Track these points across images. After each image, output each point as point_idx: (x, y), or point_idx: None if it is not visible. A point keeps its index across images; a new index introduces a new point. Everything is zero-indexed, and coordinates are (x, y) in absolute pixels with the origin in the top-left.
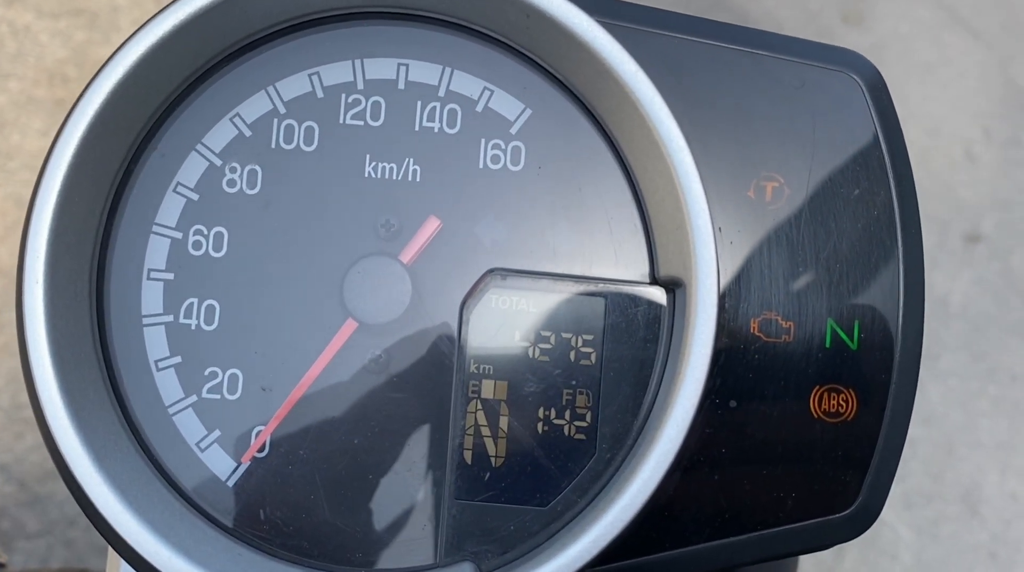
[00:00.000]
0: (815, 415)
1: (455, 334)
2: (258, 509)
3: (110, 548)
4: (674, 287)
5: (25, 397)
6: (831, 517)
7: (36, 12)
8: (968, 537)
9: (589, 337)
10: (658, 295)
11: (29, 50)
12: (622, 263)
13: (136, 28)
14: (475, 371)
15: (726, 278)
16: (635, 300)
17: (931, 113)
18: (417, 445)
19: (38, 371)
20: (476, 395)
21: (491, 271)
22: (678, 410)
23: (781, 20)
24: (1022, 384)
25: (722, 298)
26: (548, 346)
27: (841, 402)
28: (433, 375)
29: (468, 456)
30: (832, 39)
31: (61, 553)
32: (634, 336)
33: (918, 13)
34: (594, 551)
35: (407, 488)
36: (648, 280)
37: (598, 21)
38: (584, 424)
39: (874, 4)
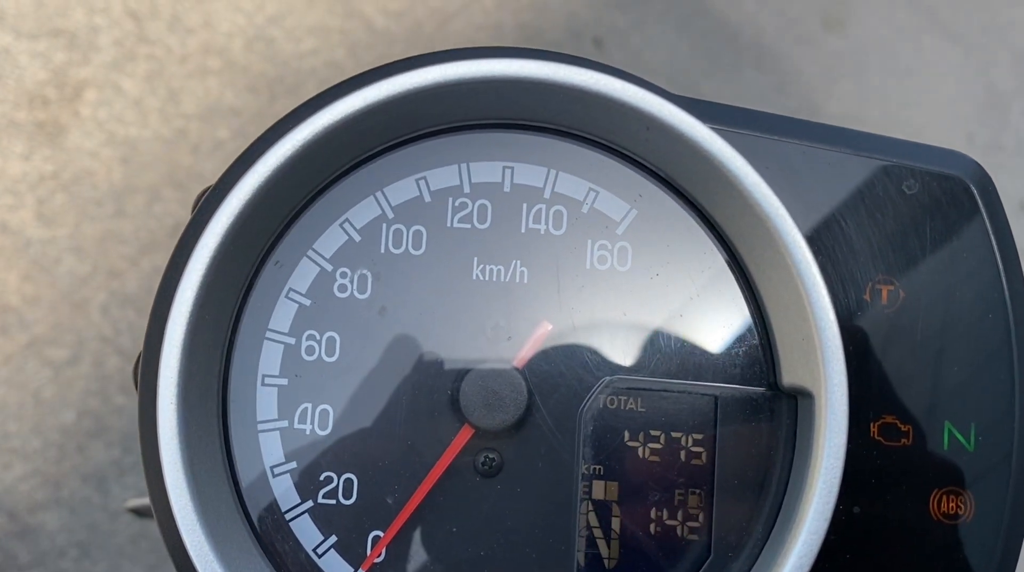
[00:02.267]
0: (935, 518)
1: (572, 438)
2: None
3: None
4: (797, 395)
5: (11, 427)
6: None
7: (15, 34)
8: None
9: (699, 436)
10: (779, 402)
11: (8, 72)
12: (739, 367)
13: (252, 150)
14: (585, 472)
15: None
16: (752, 406)
17: (912, 119)
18: (539, 552)
19: (172, 480)
20: (587, 496)
21: (610, 380)
22: (810, 523)
23: (762, 25)
24: None
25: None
26: (658, 446)
27: (960, 504)
28: (551, 479)
29: (581, 558)
30: (813, 45)
31: None
32: (752, 441)
33: (898, 17)
34: None
35: None
36: (766, 386)
37: (714, 129)
38: (697, 524)
39: (854, 9)
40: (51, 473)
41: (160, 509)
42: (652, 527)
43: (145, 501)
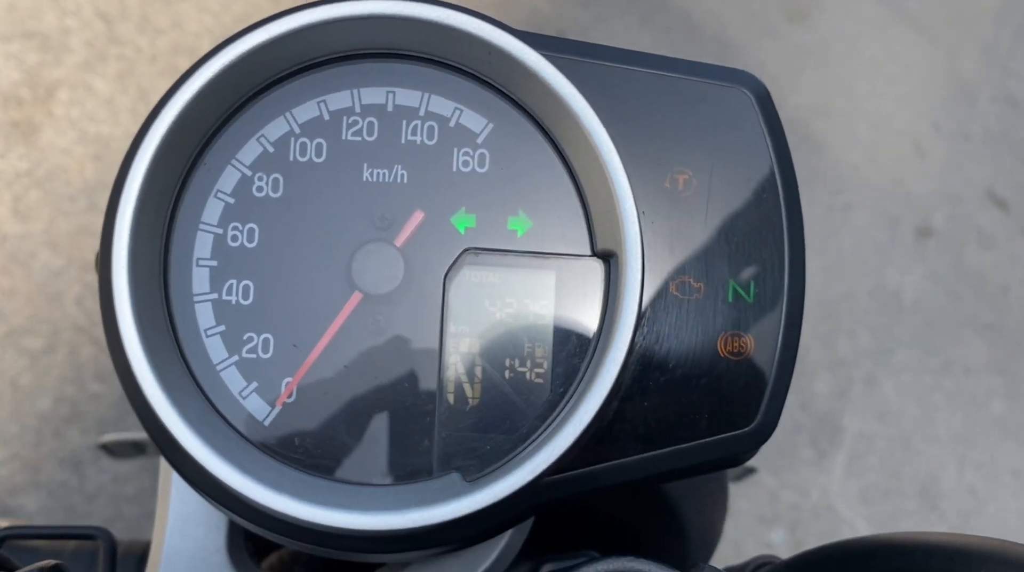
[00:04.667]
0: (722, 354)
1: (439, 301)
2: (292, 439)
3: (160, 496)
4: (609, 257)
5: None
6: (736, 432)
7: None
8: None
9: (544, 301)
10: (596, 264)
11: None
12: (569, 241)
13: (188, 70)
14: (454, 330)
15: (650, 251)
16: (580, 269)
17: (879, 109)
18: (413, 388)
19: (126, 334)
20: (455, 349)
21: (466, 250)
22: (614, 352)
23: (726, 19)
24: (977, 377)
25: (646, 265)
26: (511, 310)
27: (742, 344)
28: (423, 334)
29: (451, 398)
30: (777, 37)
31: None
32: (579, 297)
33: (863, 9)
34: (549, 462)
35: (407, 420)
36: (589, 253)
37: (544, 55)
38: (541, 370)
39: (818, 1)
40: (29, 457)
41: (119, 362)
42: (506, 373)
43: (116, 437)
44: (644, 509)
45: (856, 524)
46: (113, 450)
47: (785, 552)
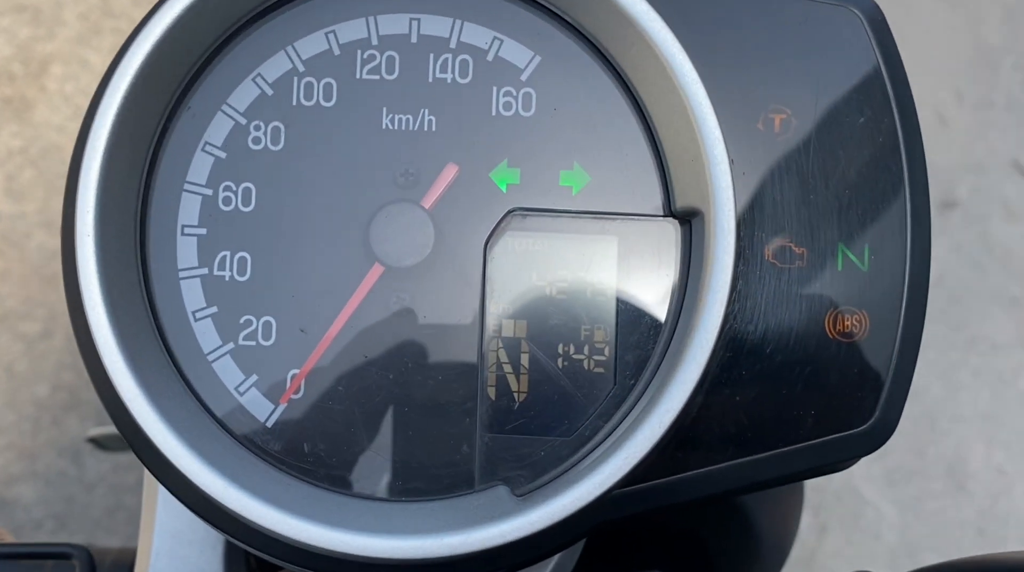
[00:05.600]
0: (830, 336)
1: (478, 275)
2: (301, 444)
3: (145, 500)
4: (690, 218)
5: None
6: (850, 432)
7: None
8: (954, 513)
9: (605, 273)
10: (671, 226)
11: None
12: (637, 198)
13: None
14: (496, 310)
15: (739, 208)
16: (650, 232)
17: None
18: (448, 380)
19: (93, 317)
20: (497, 333)
21: (510, 212)
22: (700, 335)
23: None
24: (1004, 353)
25: (737, 226)
26: (564, 284)
27: (855, 323)
28: (458, 314)
29: (492, 392)
30: None
31: None
32: (650, 268)
33: None
34: (622, 472)
35: (441, 420)
36: (663, 212)
37: None
38: (603, 357)
39: None
40: (26, 446)
41: (86, 351)
42: (560, 361)
43: (105, 431)
44: (711, 518)
45: (881, 507)
46: (103, 444)
47: (808, 535)
